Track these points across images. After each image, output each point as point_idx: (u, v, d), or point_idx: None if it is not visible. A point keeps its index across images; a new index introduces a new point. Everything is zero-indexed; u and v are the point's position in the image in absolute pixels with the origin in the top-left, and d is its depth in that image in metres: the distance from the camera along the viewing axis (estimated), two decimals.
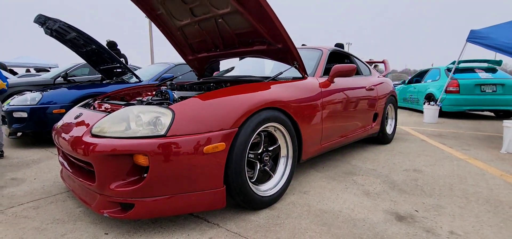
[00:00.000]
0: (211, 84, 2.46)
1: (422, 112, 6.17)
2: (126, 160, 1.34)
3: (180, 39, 2.72)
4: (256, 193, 1.61)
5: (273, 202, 1.73)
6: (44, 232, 1.41)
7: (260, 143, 1.72)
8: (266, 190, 1.71)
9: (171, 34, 2.68)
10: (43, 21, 3.69)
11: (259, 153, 1.71)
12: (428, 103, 5.56)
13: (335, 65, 2.30)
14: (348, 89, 2.61)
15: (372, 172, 2.39)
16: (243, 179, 1.51)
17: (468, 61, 6.49)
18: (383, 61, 4.32)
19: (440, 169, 2.46)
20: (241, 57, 3.06)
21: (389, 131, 3.55)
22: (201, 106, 1.46)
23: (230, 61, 3.15)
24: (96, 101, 2.10)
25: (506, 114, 6.14)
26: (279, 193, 1.76)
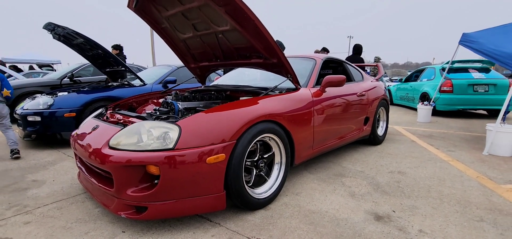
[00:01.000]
0: (212, 93, 2.67)
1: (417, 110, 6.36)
2: (139, 169, 1.57)
3: (183, 49, 2.91)
4: (252, 196, 1.83)
5: (268, 203, 1.95)
6: (70, 231, 1.64)
7: (256, 151, 1.94)
8: (261, 193, 1.93)
9: (174, 45, 2.87)
10: (52, 28, 3.90)
11: (255, 160, 1.92)
12: (422, 103, 5.75)
13: (326, 77, 2.50)
14: (339, 96, 2.81)
15: (360, 173, 2.62)
16: (241, 184, 1.73)
17: (462, 61, 6.66)
18: (376, 65, 4.50)
19: (422, 171, 2.68)
20: None
21: (380, 133, 3.76)
22: (204, 121, 1.67)
23: None
24: (108, 111, 2.31)
25: (498, 113, 6.32)
26: (273, 195, 1.99)
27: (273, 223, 1.74)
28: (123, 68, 4.53)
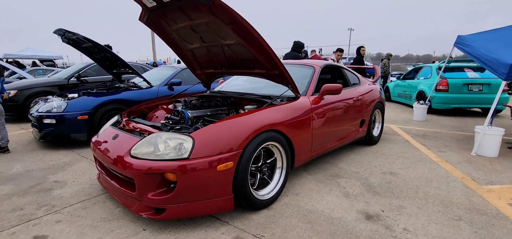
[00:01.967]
0: (218, 99, 2.87)
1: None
2: (158, 176, 1.78)
3: (190, 57, 3.10)
4: (256, 197, 2.06)
5: (270, 204, 2.18)
6: (97, 229, 1.87)
7: (260, 157, 2.15)
8: (264, 194, 2.16)
9: (182, 53, 3.06)
10: (62, 33, 4.09)
11: (259, 165, 2.14)
12: (418, 102, 5.95)
13: (324, 85, 2.69)
14: (336, 102, 3.01)
15: (355, 174, 2.84)
16: (247, 188, 1.95)
17: (458, 60, 6.83)
18: (373, 68, 4.69)
19: (413, 172, 2.90)
20: None
21: (375, 134, 3.97)
22: (214, 133, 1.88)
23: None
24: (123, 119, 2.52)
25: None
26: (275, 196, 2.21)
27: (275, 222, 1.97)
28: (129, 70, 4.72)
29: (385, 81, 9.60)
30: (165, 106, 2.97)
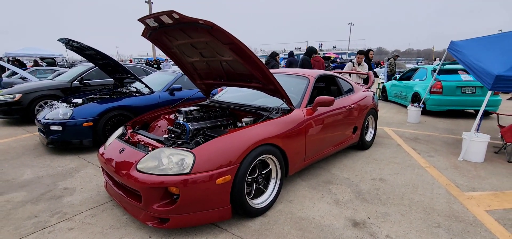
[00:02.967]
0: (217, 110, 3.03)
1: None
2: (162, 189, 1.96)
3: (190, 69, 3.26)
4: (252, 206, 2.23)
5: (265, 211, 2.36)
6: (107, 236, 2.05)
7: (256, 168, 2.32)
8: (260, 203, 2.33)
9: (182, 65, 3.21)
10: (66, 41, 4.24)
11: (255, 176, 2.31)
12: (412, 105, 6.11)
13: (318, 98, 2.85)
14: (330, 112, 3.17)
15: (346, 181, 3.01)
16: (243, 198, 2.13)
17: (453, 63, 6.96)
18: (367, 74, 4.84)
19: (401, 178, 3.08)
20: None
21: (368, 139, 4.14)
22: (213, 149, 2.04)
23: None
24: (128, 131, 2.68)
25: (484, 113, 6.69)
26: (270, 204, 2.39)
27: (269, 229, 2.15)
28: (130, 76, 4.87)
29: (390, 80, 9.72)
30: (166, 116, 3.13)
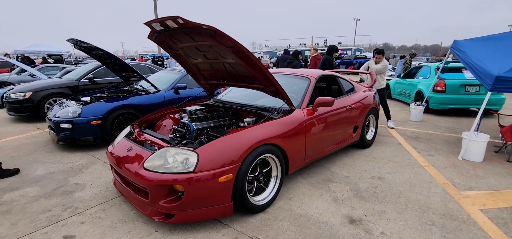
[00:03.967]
0: (220, 110, 3.14)
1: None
2: (168, 186, 2.07)
3: (194, 70, 3.36)
4: (253, 203, 2.34)
5: (266, 208, 2.46)
6: (116, 230, 2.18)
7: (257, 167, 2.42)
8: (260, 200, 2.44)
9: (187, 65, 3.31)
10: (74, 42, 4.38)
11: (256, 175, 2.42)
12: (415, 103, 6.12)
13: (318, 98, 2.93)
14: (330, 112, 3.24)
15: (345, 179, 3.10)
16: (244, 196, 2.23)
17: (457, 61, 6.93)
18: (369, 73, 4.88)
19: (399, 177, 3.15)
20: None
21: (369, 138, 4.20)
22: (216, 148, 2.15)
23: None
24: (135, 130, 2.81)
25: (486, 112, 6.67)
26: (270, 201, 2.50)
27: (269, 225, 2.25)
28: (136, 75, 5.00)
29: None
30: (172, 116, 3.24)
